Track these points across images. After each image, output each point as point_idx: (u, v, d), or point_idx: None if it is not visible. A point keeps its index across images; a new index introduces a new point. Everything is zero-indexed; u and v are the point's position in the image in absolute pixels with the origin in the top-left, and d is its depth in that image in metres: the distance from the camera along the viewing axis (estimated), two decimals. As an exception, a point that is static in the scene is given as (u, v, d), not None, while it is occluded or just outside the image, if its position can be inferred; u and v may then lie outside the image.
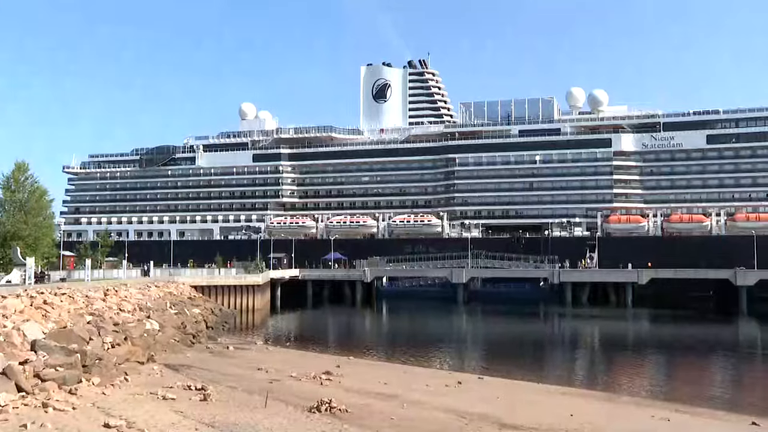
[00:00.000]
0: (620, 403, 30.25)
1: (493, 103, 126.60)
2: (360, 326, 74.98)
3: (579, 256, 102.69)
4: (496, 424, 22.32)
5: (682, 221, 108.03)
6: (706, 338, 61.47)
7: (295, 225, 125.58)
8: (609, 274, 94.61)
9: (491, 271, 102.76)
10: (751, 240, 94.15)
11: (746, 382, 40.82)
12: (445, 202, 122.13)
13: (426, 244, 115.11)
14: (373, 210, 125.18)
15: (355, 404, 23.92)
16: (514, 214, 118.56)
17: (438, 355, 49.98)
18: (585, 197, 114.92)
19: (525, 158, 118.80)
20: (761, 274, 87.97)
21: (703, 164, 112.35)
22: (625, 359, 48.63)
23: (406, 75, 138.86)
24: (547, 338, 63.62)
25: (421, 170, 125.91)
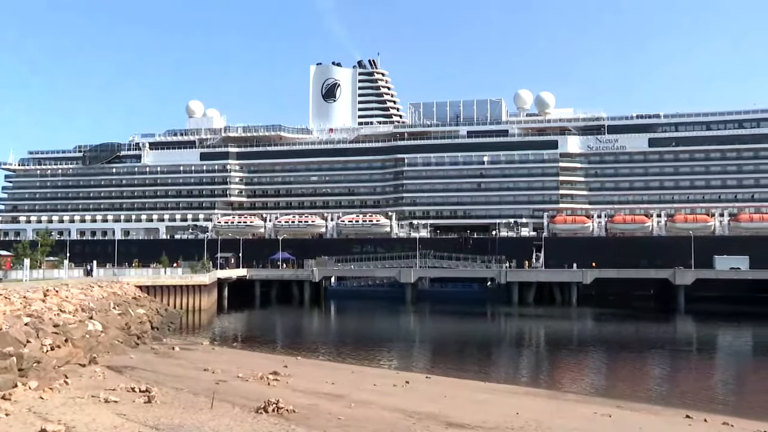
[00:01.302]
0: (564, 401, 30.81)
1: (442, 103, 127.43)
2: (308, 326, 74.73)
3: (526, 256, 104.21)
4: (444, 423, 22.43)
5: (625, 222, 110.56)
6: (647, 336, 63.16)
7: (243, 224, 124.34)
8: (555, 274, 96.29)
9: (439, 271, 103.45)
10: (689, 240, 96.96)
11: (682, 377, 42.18)
12: (394, 202, 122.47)
13: (374, 243, 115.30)
14: (321, 210, 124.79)
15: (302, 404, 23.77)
16: (462, 214, 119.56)
17: (386, 354, 50.11)
18: (532, 198, 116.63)
19: (473, 159, 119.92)
20: (698, 273, 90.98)
21: (645, 166, 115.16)
22: (570, 357, 49.54)
23: (356, 75, 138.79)
24: (494, 337, 64.34)
25: (370, 170, 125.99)
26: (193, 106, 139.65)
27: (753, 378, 42.40)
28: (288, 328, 72.41)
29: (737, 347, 59.06)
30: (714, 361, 50.53)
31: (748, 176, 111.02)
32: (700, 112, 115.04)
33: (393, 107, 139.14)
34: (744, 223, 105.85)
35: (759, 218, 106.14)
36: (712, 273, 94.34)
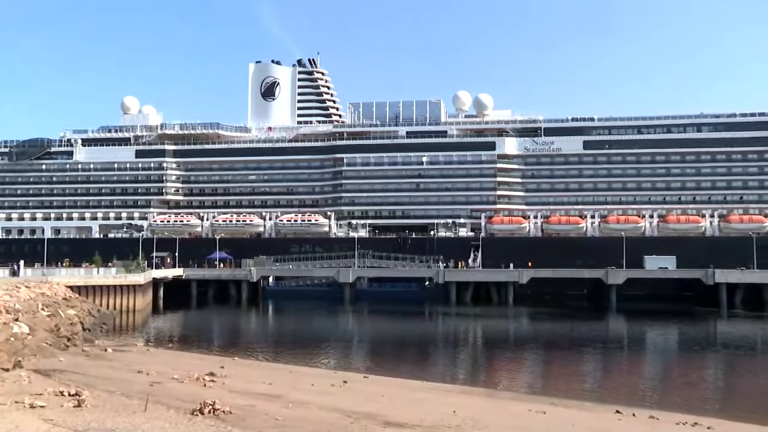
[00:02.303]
0: (500, 399, 31.33)
1: (381, 103, 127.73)
2: (245, 326, 74.04)
3: (464, 257, 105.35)
4: (382, 423, 22.48)
5: (561, 223, 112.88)
6: (580, 334, 64.66)
7: (180, 223, 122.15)
8: (492, 273, 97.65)
9: (378, 271, 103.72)
10: (621, 241, 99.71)
11: (613, 374, 43.46)
12: (333, 202, 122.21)
13: (313, 243, 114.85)
14: (260, 209, 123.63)
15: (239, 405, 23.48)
16: (400, 214, 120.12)
17: (324, 354, 50.02)
18: (470, 198, 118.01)
19: (412, 159, 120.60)
20: (629, 273, 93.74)
21: (580, 168, 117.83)
22: (506, 356, 50.38)
23: (296, 73, 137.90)
24: (431, 337, 64.84)
25: (309, 169, 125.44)
26: (128, 102, 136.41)
27: (678, 373, 44.00)
28: (225, 328, 71.53)
29: (664, 344, 61.16)
30: (643, 357, 52.18)
31: (675, 179, 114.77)
32: (632, 116, 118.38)
33: (333, 107, 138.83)
34: (672, 224, 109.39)
35: (685, 220, 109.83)
36: (642, 272, 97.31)
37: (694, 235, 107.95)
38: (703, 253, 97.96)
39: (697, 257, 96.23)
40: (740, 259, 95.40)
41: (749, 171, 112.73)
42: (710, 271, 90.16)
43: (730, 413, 29.81)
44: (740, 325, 74.87)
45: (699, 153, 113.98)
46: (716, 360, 49.98)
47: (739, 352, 53.95)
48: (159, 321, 73.56)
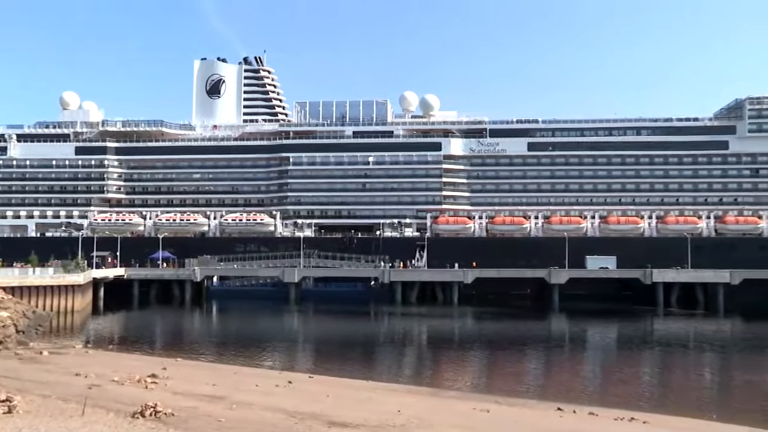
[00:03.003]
0: (445, 398, 31.60)
1: (328, 103, 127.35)
2: (189, 327, 73.00)
3: (409, 256, 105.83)
4: (326, 423, 22.46)
5: (505, 223, 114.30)
6: (523, 333, 65.66)
7: (122, 222, 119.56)
8: (437, 273, 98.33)
9: (323, 271, 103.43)
10: (564, 241, 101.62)
11: (555, 372, 44.34)
12: (279, 201, 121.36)
13: (258, 243, 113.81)
14: (204, 208, 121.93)
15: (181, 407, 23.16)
16: (346, 214, 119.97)
17: (269, 355, 49.75)
18: (415, 199, 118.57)
19: (358, 159, 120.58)
20: (571, 272, 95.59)
21: (524, 170, 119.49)
22: (451, 356, 50.84)
23: (241, 71, 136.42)
24: (377, 337, 64.94)
25: (254, 168, 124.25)
26: (67, 97, 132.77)
27: (616, 370, 45.15)
28: (168, 329, 70.42)
29: (604, 342, 62.65)
30: (584, 355, 53.39)
31: (615, 181, 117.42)
32: (575, 119, 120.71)
33: (279, 105, 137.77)
34: (612, 225, 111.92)
35: (625, 221, 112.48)
36: (584, 272, 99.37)
37: (634, 235, 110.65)
38: (641, 253, 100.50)
39: (636, 257, 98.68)
40: (676, 259, 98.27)
41: (684, 174, 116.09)
42: (648, 270, 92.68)
43: (664, 408, 30.91)
44: (675, 322, 77.16)
45: (638, 156, 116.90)
46: (652, 357, 51.45)
47: (673, 349, 55.61)
48: (99, 322, 71.98)
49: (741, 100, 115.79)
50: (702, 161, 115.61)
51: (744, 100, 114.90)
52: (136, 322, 76.06)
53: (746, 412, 30.89)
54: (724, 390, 38.59)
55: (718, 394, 37.15)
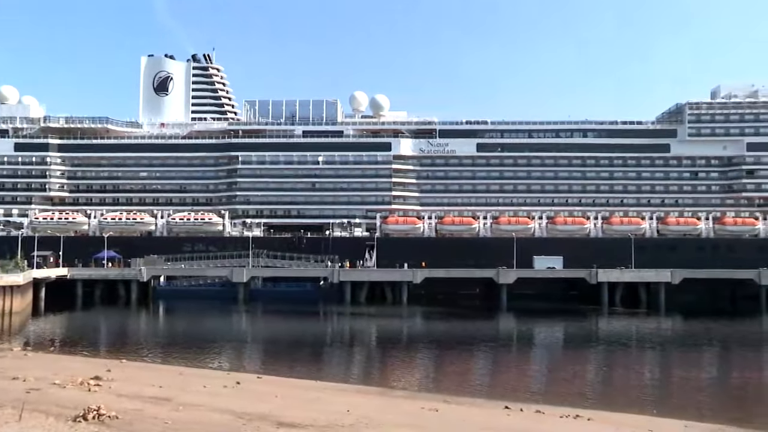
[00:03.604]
0: (394, 397, 31.70)
1: (278, 102, 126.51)
2: (135, 327, 71.69)
3: (359, 256, 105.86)
4: (275, 423, 22.34)
5: (454, 223, 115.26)
6: (472, 333, 66.30)
7: (65, 221, 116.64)
8: (386, 273, 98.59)
9: (272, 271, 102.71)
10: (512, 242, 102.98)
11: (503, 371, 44.88)
12: (227, 201, 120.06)
13: (207, 242, 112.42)
14: (151, 207, 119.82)
15: (126, 410, 22.74)
16: (296, 213, 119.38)
17: (217, 355, 49.25)
18: (365, 199, 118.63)
19: (308, 159, 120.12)
20: (519, 272, 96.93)
21: (473, 170, 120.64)
22: (400, 355, 51.04)
23: (190, 69, 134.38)
24: (326, 337, 64.89)
25: (203, 167, 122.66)
26: (5, 92, 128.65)
27: (562, 369, 45.99)
28: (113, 330, 69.00)
29: (551, 341, 63.68)
30: (531, 354, 54.19)
31: (562, 182, 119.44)
32: (523, 121, 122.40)
33: (228, 104, 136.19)
34: (559, 225, 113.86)
35: (572, 221, 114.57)
36: (531, 272, 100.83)
37: (580, 236, 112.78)
38: (587, 253, 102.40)
39: (582, 257, 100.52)
40: (620, 259, 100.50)
41: (629, 176, 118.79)
42: (593, 270, 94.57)
43: (607, 404, 31.63)
44: (619, 321, 78.92)
45: (584, 158, 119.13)
46: (596, 355, 52.55)
47: (616, 347, 56.89)
48: (40, 323, 70.14)
49: (681, 104, 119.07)
50: (645, 164, 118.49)
51: (684, 104, 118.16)
52: (79, 323, 74.37)
53: (683, 407, 32.02)
54: (663, 386, 39.72)
55: (657, 390, 38.15)
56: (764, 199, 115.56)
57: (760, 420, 30.15)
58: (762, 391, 39.80)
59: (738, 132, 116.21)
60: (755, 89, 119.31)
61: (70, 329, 67.74)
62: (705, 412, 31.49)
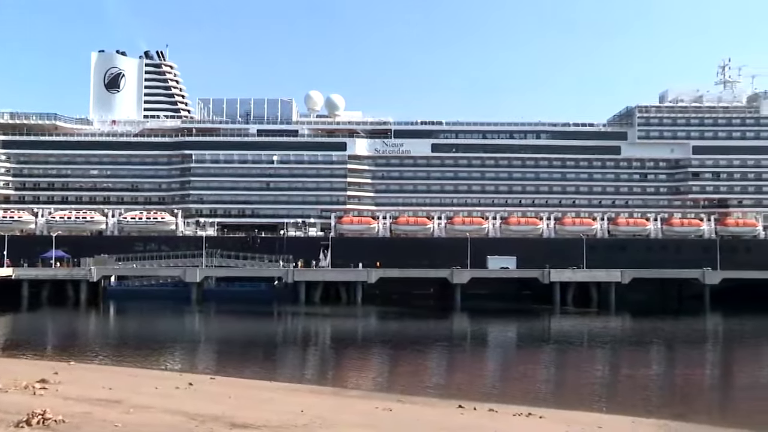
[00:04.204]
0: (347, 397, 31.74)
1: (232, 100, 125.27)
2: (84, 329, 70.24)
3: (313, 256, 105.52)
4: (228, 424, 22.15)
5: (409, 223, 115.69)
6: (426, 332, 66.74)
7: (10, 219, 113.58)
8: (341, 273, 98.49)
9: (226, 270, 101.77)
10: (466, 242, 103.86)
11: (456, 370, 45.34)
12: (180, 199, 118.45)
13: (159, 242, 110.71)
14: (102, 205, 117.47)
15: (74, 413, 22.26)
16: (250, 213, 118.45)
17: (169, 356, 48.64)
18: (320, 198, 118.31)
19: (263, 158, 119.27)
20: (473, 272, 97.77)
21: (428, 171, 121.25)
22: (354, 355, 51.11)
23: (142, 66, 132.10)
24: (280, 337, 64.64)
25: (155, 165, 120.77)
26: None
27: (515, 367, 46.66)
28: (61, 331, 67.52)
29: (504, 340, 64.48)
30: (484, 354, 54.79)
31: (516, 183, 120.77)
32: (478, 122, 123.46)
33: (181, 102, 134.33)
34: (513, 226, 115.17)
35: (525, 222, 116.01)
36: (485, 272, 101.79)
37: (533, 236, 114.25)
38: (540, 253, 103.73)
39: (535, 257, 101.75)
40: (572, 259, 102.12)
41: (581, 177, 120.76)
42: (546, 270, 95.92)
43: (559, 403, 32.20)
44: (570, 320, 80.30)
45: (537, 159, 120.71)
46: (549, 354, 53.39)
47: (568, 346, 57.88)
48: (-16, 325, 68.28)
49: (631, 108, 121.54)
50: (596, 165, 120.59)
51: (634, 108, 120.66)
52: (24, 324, 72.72)
53: (631, 404, 32.83)
54: (612, 384, 40.59)
55: (607, 388, 38.95)
56: (708, 201, 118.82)
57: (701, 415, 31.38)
58: (704, 387, 41.06)
59: (684, 135, 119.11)
60: (700, 94, 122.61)
61: (15, 331, 66.12)
62: (651, 408, 32.33)
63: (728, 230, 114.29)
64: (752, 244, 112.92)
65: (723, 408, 34.60)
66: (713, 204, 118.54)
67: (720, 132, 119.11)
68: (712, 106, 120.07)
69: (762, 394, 38.54)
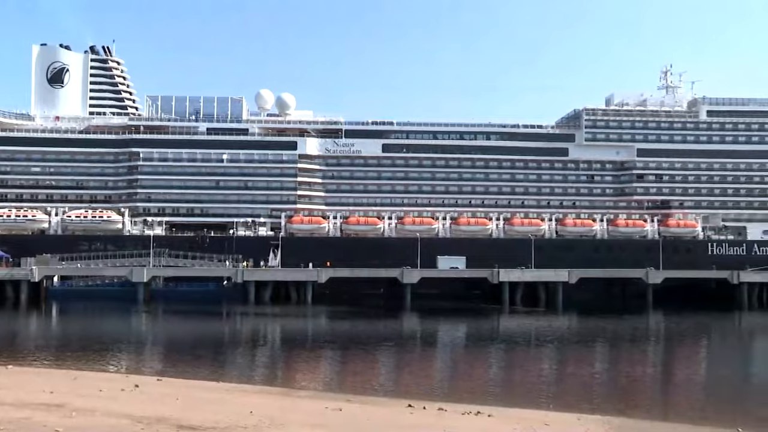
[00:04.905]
0: (297, 397, 31.60)
1: (181, 98, 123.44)
2: (24, 331, 68.33)
3: (263, 256, 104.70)
4: (175, 426, 21.84)
5: (359, 223, 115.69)
6: (376, 332, 66.83)
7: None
8: (291, 273, 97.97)
9: (174, 270, 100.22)
10: (416, 242, 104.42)
11: (406, 369, 45.48)
12: (128, 198, 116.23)
13: (105, 241, 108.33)
14: (45, 204, 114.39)
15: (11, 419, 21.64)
16: (199, 212, 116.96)
17: (115, 357, 47.79)
18: (270, 198, 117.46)
19: (212, 156, 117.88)
20: (423, 272, 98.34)
21: (379, 171, 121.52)
22: (304, 355, 50.94)
23: (88, 61, 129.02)
24: (229, 337, 63.98)
25: (101, 163, 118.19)
26: None
27: (465, 366, 47.11)
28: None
29: (453, 340, 64.97)
30: (434, 353, 55.15)
31: (466, 183, 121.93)
32: (428, 122, 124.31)
33: (129, 98, 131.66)
34: (463, 226, 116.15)
35: (475, 222, 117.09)
36: (435, 272, 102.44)
37: (482, 236, 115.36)
38: (489, 253, 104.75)
39: (484, 257, 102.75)
40: (521, 259, 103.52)
41: (529, 178, 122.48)
42: (495, 270, 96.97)
43: (507, 401, 32.63)
44: (519, 320, 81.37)
45: (487, 160, 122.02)
46: (497, 353, 54.01)
47: (516, 345, 58.72)
48: None
49: (579, 110, 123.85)
50: (545, 166, 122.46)
51: (581, 110, 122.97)
52: (-38, 326, 70.28)
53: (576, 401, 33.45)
54: (559, 382, 41.28)
55: (554, 385, 39.60)
56: (652, 202, 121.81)
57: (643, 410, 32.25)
58: (645, 383, 42.08)
59: (629, 138, 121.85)
60: (644, 98, 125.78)
61: (-47, 333, 63.95)
62: (596, 404, 33.07)
63: (670, 231, 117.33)
64: (692, 244, 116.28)
65: (663, 403, 35.59)
66: (656, 205, 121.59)
67: (663, 135, 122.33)
68: (655, 110, 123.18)
69: (698, 389, 40.04)
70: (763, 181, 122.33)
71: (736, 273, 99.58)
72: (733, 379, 42.70)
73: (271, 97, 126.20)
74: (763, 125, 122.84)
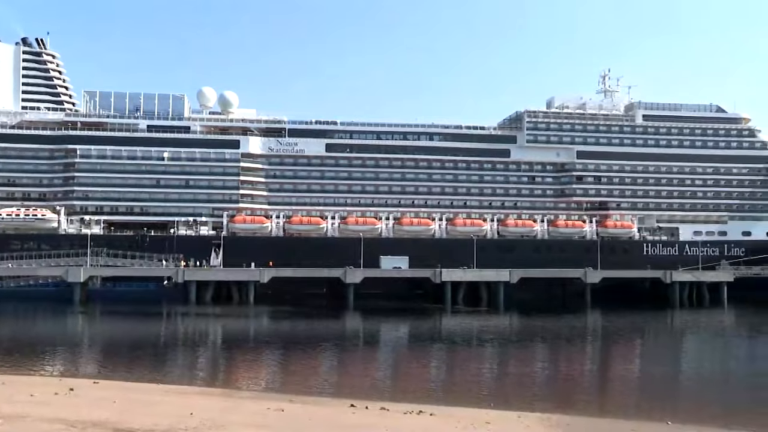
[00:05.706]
0: (238, 398, 31.35)
1: (120, 94, 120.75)
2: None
3: (205, 255, 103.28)
4: (111, 430, 21.41)
5: (302, 223, 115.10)
6: (318, 332, 66.73)
7: None
8: (232, 273, 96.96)
9: (113, 270, 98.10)
10: (359, 242, 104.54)
11: (348, 369, 45.64)
12: (64, 196, 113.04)
13: (39, 240, 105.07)
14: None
15: (-64, 427, 20.87)
16: (139, 211, 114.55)
17: (48, 360, 46.45)
18: (212, 197, 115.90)
19: (153, 154, 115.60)
20: (366, 272, 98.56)
21: (322, 170, 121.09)
22: (245, 356, 50.46)
23: (20, 53, 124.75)
24: (169, 338, 62.96)
25: (35, 160, 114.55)
26: None
27: (406, 366, 47.40)
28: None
29: (396, 339, 65.23)
30: (377, 353, 55.29)
31: (409, 184, 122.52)
32: (372, 122, 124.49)
33: (65, 94, 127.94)
34: (405, 226, 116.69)
35: (418, 222, 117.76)
36: (378, 272, 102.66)
37: (425, 236, 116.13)
38: (432, 253, 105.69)
39: (427, 257, 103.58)
40: (463, 259, 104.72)
41: (472, 179, 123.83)
42: (438, 270, 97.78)
43: (449, 400, 33.00)
44: (461, 319, 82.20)
45: (430, 160, 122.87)
46: (439, 352, 54.49)
47: (458, 344, 59.34)
48: None
49: (521, 112, 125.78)
50: (487, 167, 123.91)
51: (523, 112, 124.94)
52: None
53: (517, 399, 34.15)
54: (500, 380, 41.96)
55: (495, 384, 40.24)
56: (590, 203, 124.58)
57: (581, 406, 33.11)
58: (583, 381, 43.15)
59: (569, 140, 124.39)
60: (584, 102, 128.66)
61: None
62: (535, 402, 33.71)
63: (608, 231, 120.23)
64: (628, 245, 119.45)
65: (599, 399, 36.53)
66: (595, 206, 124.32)
67: (601, 138, 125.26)
68: (594, 114, 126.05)
69: (632, 386, 41.26)
70: (694, 183, 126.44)
71: (668, 273, 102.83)
72: (664, 376, 44.04)
73: (214, 94, 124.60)
74: (693, 130, 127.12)
